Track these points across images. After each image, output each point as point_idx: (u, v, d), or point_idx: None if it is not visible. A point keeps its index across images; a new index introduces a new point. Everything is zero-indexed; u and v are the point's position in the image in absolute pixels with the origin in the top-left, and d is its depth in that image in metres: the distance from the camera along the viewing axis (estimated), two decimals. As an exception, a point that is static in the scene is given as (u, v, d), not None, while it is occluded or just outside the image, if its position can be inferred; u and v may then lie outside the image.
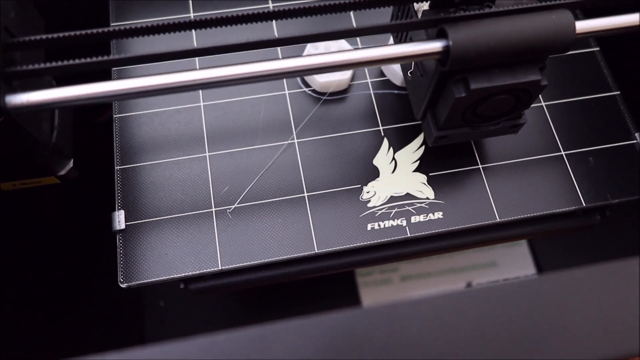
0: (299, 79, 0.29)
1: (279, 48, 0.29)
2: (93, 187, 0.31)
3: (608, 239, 0.41)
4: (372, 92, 0.29)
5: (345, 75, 0.28)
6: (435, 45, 0.21)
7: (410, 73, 0.25)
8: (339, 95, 0.29)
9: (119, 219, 0.25)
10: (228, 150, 0.27)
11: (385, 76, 0.29)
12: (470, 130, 0.24)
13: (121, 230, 0.25)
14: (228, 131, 0.27)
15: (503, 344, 0.14)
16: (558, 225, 0.28)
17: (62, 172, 0.24)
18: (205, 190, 0.26)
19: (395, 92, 0.29)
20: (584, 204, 0.26)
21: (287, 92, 0.28)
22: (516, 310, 0.15)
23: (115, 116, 0.28)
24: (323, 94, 0.29)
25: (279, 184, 0.26)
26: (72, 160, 0.25)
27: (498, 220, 0.26)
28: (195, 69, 0.20)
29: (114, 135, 0.27)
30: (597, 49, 0.30)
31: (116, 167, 0.26)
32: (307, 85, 0.29)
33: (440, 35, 0.21)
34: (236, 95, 0.28)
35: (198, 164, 0.27)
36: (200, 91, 0.28)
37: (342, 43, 0.28)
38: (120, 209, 0.26)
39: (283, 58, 0.20)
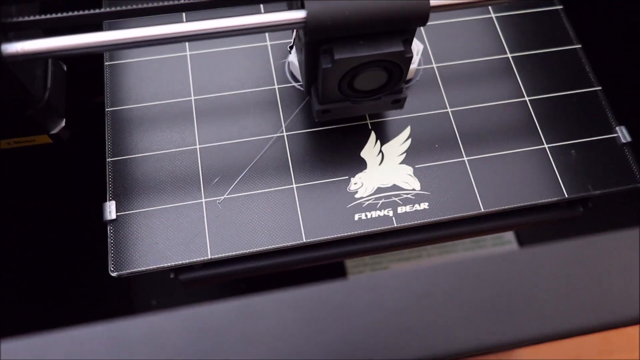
0: (288, 75, 0.29)
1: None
2: (85, 179, 0.31)
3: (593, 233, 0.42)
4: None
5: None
6: (295, 15, 0.21)
7: (289, 47, 0.27)
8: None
9: (110, 210, 0.26)
10: (218, 143, 0.28)
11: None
12: (351, 104, 0.25)
13: (112, 221, 0.26)
14: (219, 124, 0.28)
15: (481, 313, 0.15)
16: (542, 216, 0.28)
17: (55, 131, 0.25)
18: (196, 182, 0.27)
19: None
20: (566, 195, 0.27)
21: (276, 86, 0.29)
22: (495, 281, 0.15)
23: (107, 110, 0.28)
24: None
25: (268, 175, 0.27)
26: (64, 120, 0.25)
27: (482, 210, 0.27)
28: (183, 22, 0.21)
29: (106, 128, 0.28)
30: (579, 46, 0.31)
31: (107, 159, 0.27)
32: (296, 80, 0.29)
33: (302, 6, 0.22)
34: (227, 90, 0.29)
35: (189, 156, 0.27)
36: (191, 85, 0.29)
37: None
38: (111, 200, 0.26)
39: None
